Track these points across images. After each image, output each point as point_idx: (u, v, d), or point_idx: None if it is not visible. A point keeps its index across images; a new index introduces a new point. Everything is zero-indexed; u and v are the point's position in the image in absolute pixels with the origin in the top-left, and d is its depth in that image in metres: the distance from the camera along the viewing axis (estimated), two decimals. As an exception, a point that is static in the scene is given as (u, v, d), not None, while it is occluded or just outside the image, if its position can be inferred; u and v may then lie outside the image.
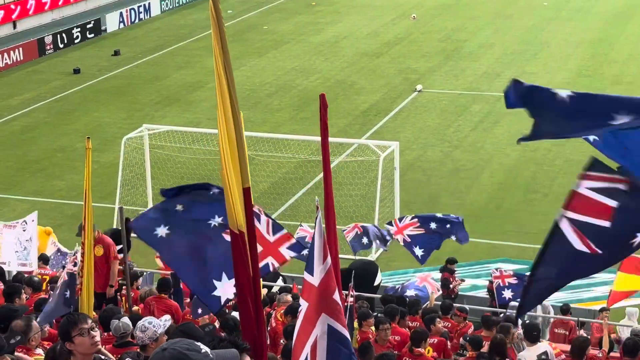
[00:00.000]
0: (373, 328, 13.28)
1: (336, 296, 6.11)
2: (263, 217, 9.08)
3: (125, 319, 9.19)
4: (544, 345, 12.82)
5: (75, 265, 11.14)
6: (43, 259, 17.81)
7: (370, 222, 23.38)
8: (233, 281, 8.04)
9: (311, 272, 6.13)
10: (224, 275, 8.21)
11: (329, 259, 6.16)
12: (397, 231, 17.99)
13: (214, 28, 5.82)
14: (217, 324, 12.82)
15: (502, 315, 16.43)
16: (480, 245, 23.75)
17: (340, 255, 20.74)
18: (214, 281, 8.29)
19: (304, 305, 6.09)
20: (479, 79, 38.70)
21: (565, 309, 16.95)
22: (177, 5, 53.91)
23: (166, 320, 8.33)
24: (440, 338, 13.72)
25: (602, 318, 16.22)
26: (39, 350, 8.73)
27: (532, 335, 12.75)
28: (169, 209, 8.98)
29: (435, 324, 14.02)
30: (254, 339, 6.08)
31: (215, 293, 8.31)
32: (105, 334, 9.72)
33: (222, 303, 8.29)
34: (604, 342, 14.14)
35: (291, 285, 16.64)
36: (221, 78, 5.96)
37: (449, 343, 14.03)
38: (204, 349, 4.09)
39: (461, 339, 13.81)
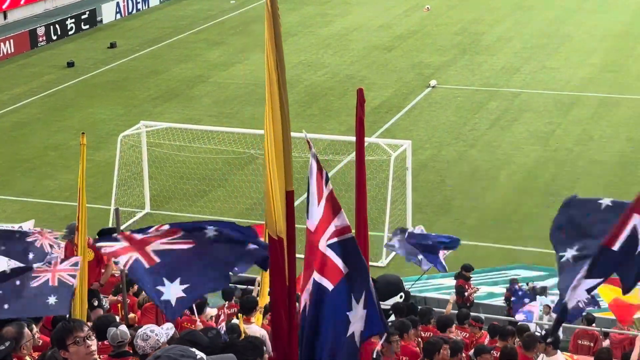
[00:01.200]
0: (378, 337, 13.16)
1: (322, 246, 5.92)
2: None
3: (123, 327, 9.22)
4: (560, 357, 12.79)
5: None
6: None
7: (381, 225, 23.42)
8: (177, 284, 7.70)
9: (308, 216, 6.06)
10: (165, 280, 7.79)
11: (322, 201, 6.00)
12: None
13: (268, 22, 5.80)
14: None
15: (519, 324, 16.46)
16: (497, 250, 23.76)
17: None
18: (159, 287, 7.92)
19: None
20: (496, 74, 38.68)
21: (590, 319, 16.89)
22: (177, -5, 54.02)
23: (168, 329, 8.30)
24: None
25: (621, 328, 16.25)
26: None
27: (558, 342, 12.75)
28: None
29: (440, 351, 12.80)
30: (285, 355, 6.03)
31: (164, 298, 7.91)
32: (100, 343, 9.73)
33: (175, 307, 7.80)
34: (634, 355, 14.01)
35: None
36: (272, 76, 5.93)
37: (463, 355, 13.95)
38: (199, 354, 4.14)
39: (470, 353, 13.66)
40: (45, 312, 10.05)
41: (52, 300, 10.40)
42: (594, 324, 16.95)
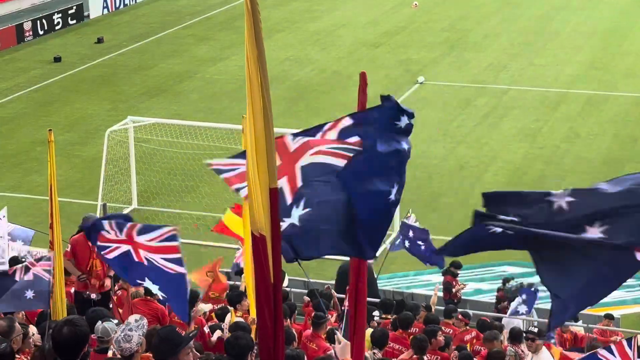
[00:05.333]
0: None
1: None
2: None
3: (108, 324, 9.12)
4: (546, 354, 12.81)
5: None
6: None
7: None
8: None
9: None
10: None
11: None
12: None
13: (247, 15, 5.78)
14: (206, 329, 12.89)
15: (503, 320, 16.58)
16: (485, 247, 23.80)
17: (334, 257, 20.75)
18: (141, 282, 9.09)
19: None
20: (484, 71, 38.75)
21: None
22: (164, -10, 53.89)
23: (136, 321, 8.21)
24: (442, 353, 13.46)
25: (607, 325, 16.38)
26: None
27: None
28: None
29: (436, 337, 13.25)
30: (270, 356, 5.98)
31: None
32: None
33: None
34: None
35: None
36: (252, 71, 5.91)
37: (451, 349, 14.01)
38: None
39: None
40: (26, 307, 10.23)
41: (29, 294, 10.57)
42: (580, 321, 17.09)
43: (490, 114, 33.94)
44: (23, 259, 16.24)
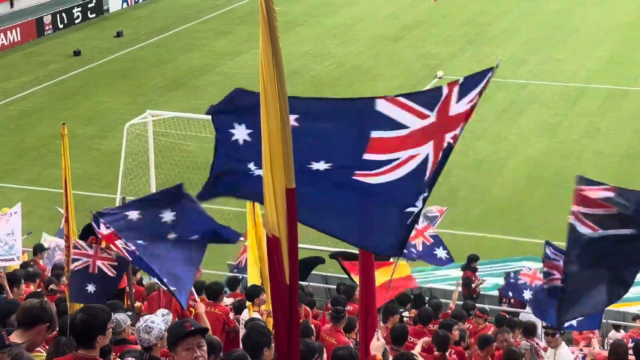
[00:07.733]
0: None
1: None
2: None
3: (121, 315, 9.14)
4: (565, 349, 12.71)
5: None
6: (38, 249, 17.84)
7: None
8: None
9: None
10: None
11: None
12: (415, 236, 17.34)
13: (262, 13, 5.61)
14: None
15: (521, 316, 16.50)
16: (503, 242, 23.72)
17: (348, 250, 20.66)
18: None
19: None
20: (503, 66, 38.50)
21: None
22: (183, -16, 53.89)
23: (163, 315, 8.22)
24: (457, 348, 13.44)
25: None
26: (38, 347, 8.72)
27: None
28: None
29: (451, 332, 13.35)
30: (284, 357, 5.88)
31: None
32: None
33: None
34: None
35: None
36: (269, 66, 5.70)
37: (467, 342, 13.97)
38: None
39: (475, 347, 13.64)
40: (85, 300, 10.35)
41: (90, 288, 10.63)
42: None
43: (509, 108, 33.79)
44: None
